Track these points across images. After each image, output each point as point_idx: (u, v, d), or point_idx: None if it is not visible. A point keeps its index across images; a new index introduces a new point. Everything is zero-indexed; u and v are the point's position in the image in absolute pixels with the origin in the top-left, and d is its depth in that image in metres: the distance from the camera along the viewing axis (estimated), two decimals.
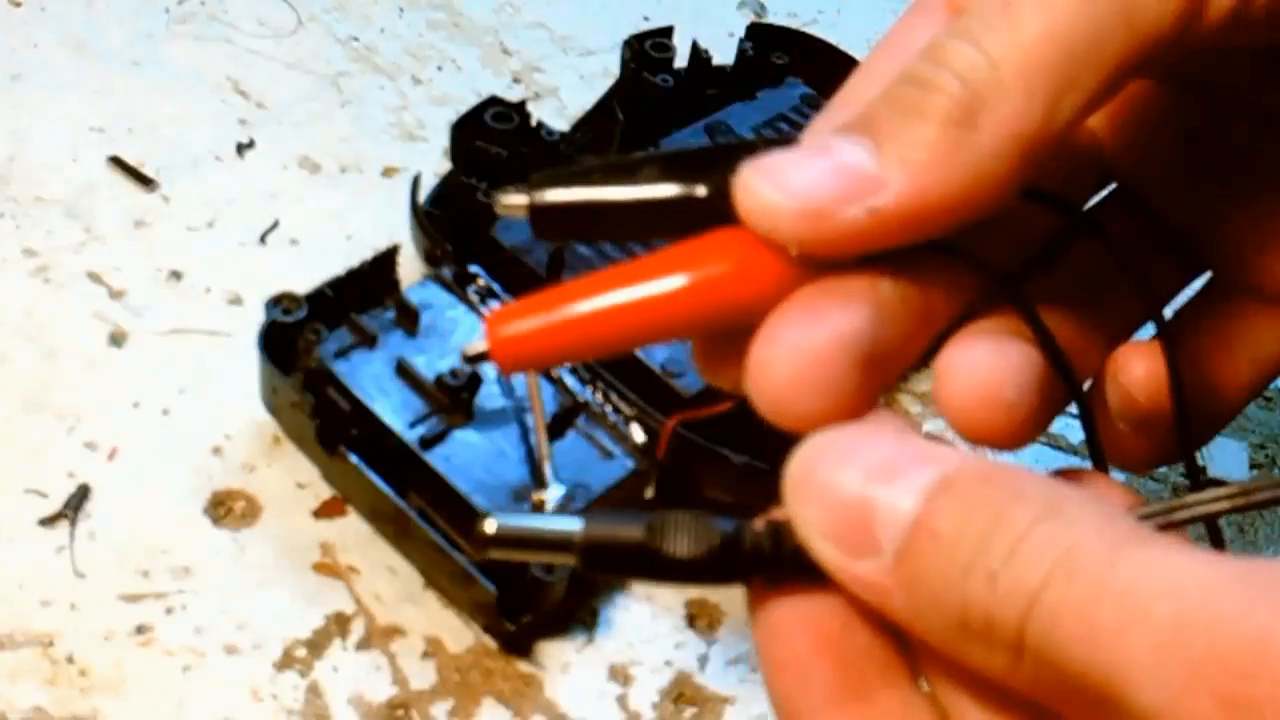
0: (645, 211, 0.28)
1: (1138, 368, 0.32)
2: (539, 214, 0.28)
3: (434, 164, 0.62)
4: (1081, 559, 0.21)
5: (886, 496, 0.23)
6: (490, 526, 0.25)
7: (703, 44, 0.63)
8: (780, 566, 0.25)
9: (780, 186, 0.25)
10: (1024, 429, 0.27)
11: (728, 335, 0.27)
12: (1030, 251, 0.32)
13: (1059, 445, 0.57)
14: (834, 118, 0.29)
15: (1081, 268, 0.33)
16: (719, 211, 0.26)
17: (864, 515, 0.23)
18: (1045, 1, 0.25)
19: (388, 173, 0.62)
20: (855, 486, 0.23)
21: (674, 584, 0.26)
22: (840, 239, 0.25)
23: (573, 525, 0.25)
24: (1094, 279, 0.32)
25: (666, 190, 0.28)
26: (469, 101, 0.58)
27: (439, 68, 0.68)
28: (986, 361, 0.28)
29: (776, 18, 0.75)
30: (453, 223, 0.55)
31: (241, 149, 0.61)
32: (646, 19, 0.73)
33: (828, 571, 0.23)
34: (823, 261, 0.26)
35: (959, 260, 0.28)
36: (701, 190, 0.27)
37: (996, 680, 0.22)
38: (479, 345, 0.26)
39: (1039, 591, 0.21)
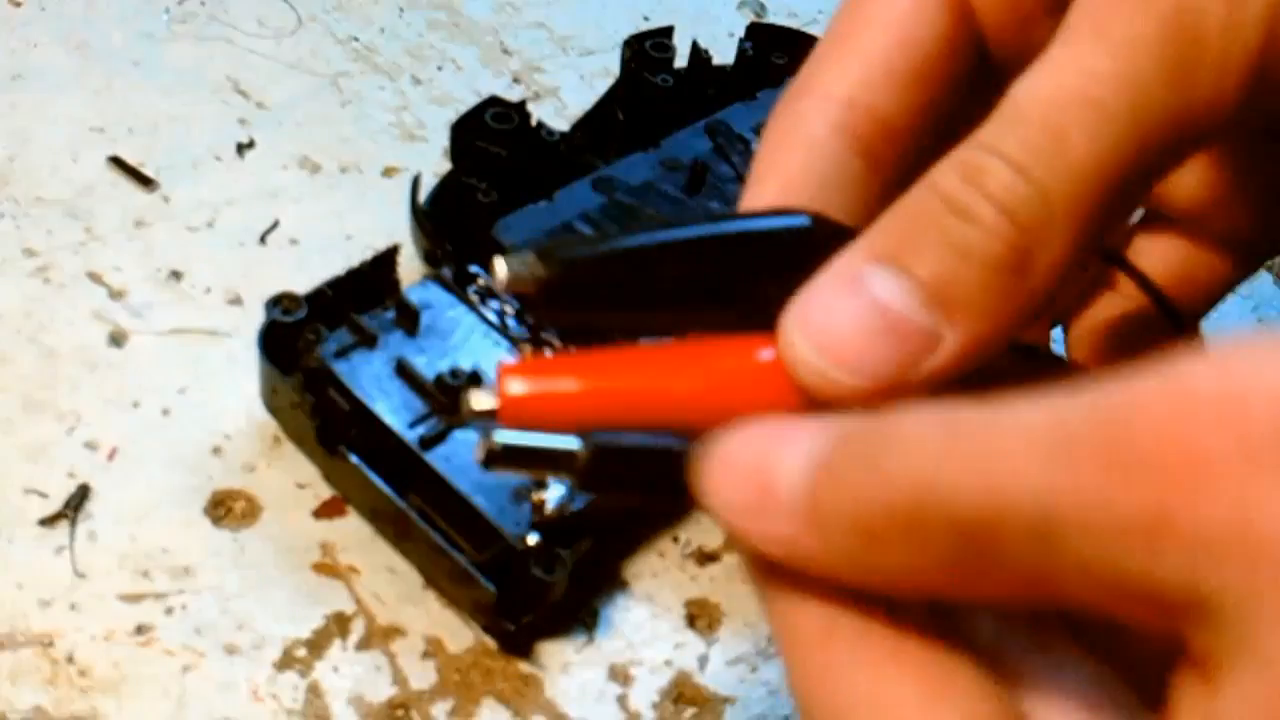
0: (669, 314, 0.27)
1: None
2: (550, 287, 0.26)
3: (434, 164, 0.62)
4: (965, 425, 0.21)
5: (781, 454, 0.23)
6: (496, 444, 0.25)
7: (703, 44, 0.63)
8: None
9: (833, 358, 0.24)
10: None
11: None
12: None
13: None
14: (795, 125, 0.28)
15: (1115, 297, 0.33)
16: (747, 318, 0.26)
17: (762, 475, 0.23)
18: (1093, 121, 0.24)
19: (388, 173, 0.62)
20: (751, 453, 0.24)
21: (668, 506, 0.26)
22: (895, 399, 0.24)
23: (573, 445, 0.25)
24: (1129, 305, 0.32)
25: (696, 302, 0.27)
26: (469, 101, 0.58)
27: (439, 68, 0.68)
28: None
29: (776, 18, 0.75)
30: (453, 223, 0.55)
31: (241, 149, 0.61)
32: (646, 19, 0.73)
33: (742, 541, 0.24)
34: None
35: None
36: (730, 312, 0.26)
37: (906, 586, 0.23)
38: (486, 400, 0.25)
39: (932, 459, 0.21)
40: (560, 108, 0.68)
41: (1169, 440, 0.19)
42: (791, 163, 0.28)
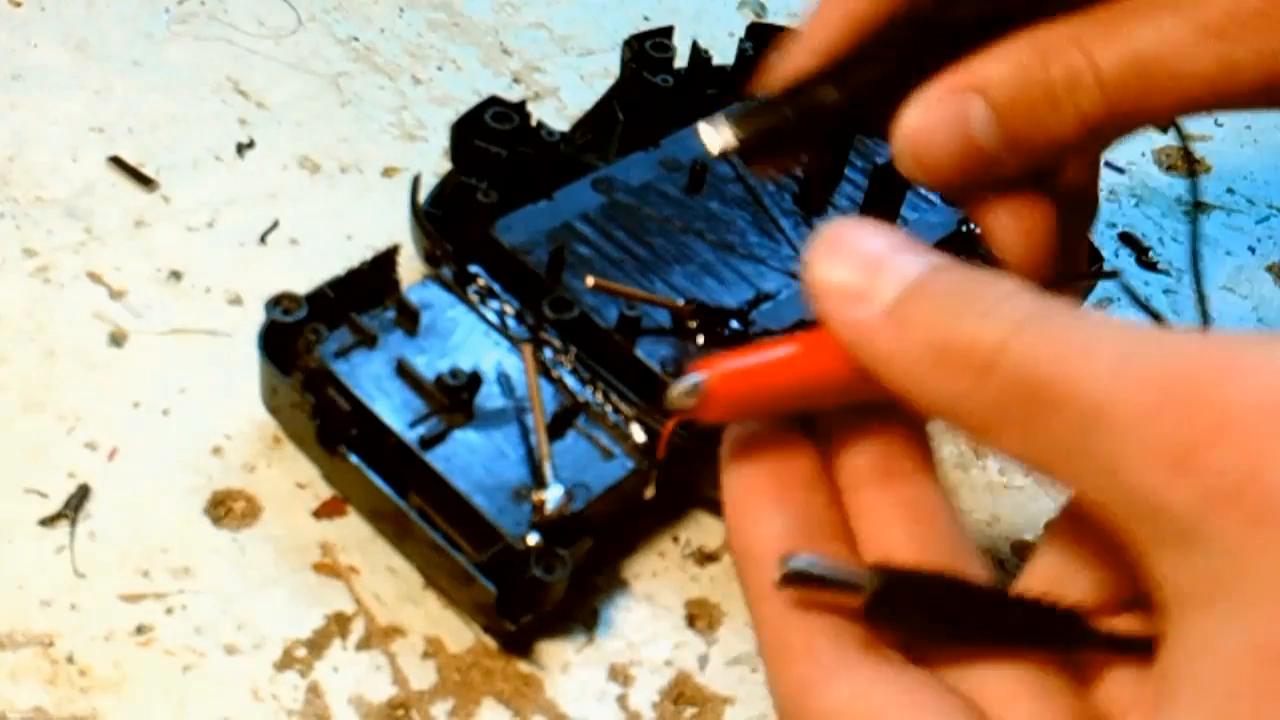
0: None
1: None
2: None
3: (434, 164, 0.62)
4: (1057, 312, 0.26)
5: (901, 257, 0.28)
6: (790, 569, 0.28)
7: (703, 44, 0.63)
8: None
9: (915, 152, 0.35)
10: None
11: None
12: None
13: None
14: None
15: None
16: None
17: (876, 269, 0.28)
18: None
19: (388, 173, 0.62)
20: (876, 247, 0.28)
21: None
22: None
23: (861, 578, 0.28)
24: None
25: None
26: (469, 101, 0.58)
27: (439, 68, 0.68)
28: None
29: (776, 18, 0.75)
30: (453, 223, 0.55)
31: (241, 149, 0.61)
32: (646, 19, 0.73)
33: (829, 316, 0.28)
34: None
35: None
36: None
37: (946, 407, 0.27)
38: (687, 391, 0.30)
39: (1024, 322, 0.26)
40: (560, 108, 0.68)
41: (1218, 392, 0.23)
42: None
